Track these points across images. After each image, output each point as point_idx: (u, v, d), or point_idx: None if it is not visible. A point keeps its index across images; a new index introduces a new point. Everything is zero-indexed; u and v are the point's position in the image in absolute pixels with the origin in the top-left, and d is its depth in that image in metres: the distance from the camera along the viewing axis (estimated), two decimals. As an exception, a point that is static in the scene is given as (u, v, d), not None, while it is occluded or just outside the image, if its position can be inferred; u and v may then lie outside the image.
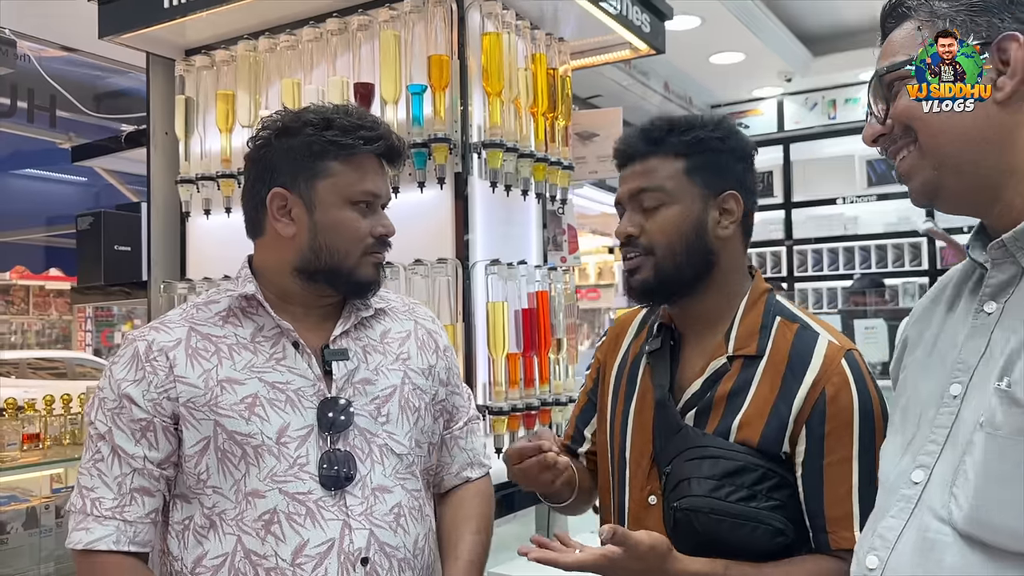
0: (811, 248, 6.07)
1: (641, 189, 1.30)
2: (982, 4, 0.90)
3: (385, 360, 1.41)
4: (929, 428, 0.92)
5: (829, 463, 1.18)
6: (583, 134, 2.96)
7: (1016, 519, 0.80)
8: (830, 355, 1.22)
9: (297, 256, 1.33)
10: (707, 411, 1.25)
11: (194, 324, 1.34)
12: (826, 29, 5.36)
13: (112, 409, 1.28)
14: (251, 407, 1.28)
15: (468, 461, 1.51)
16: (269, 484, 1.26)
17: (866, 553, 0.94)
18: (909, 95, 0.93)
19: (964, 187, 0.94)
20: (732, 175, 1.30)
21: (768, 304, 1.31)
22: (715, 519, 1.18)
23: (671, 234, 1.28)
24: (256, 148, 1.37)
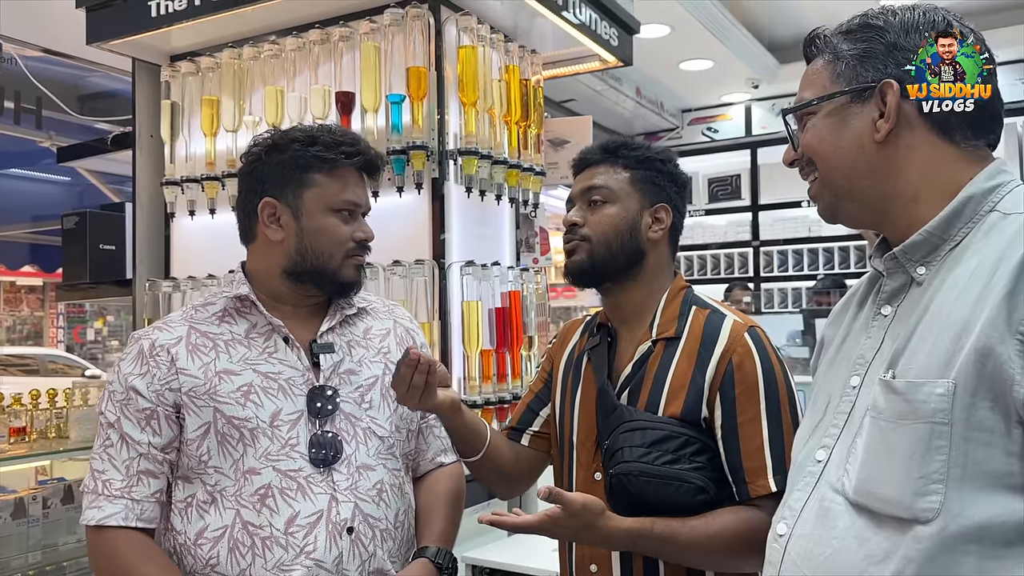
0: (777, 249, 6.24)
1: (591, 187, 1.51)
2: (871, 51, 1.03)
3: (368, 353, 1.54)
4: (832, 414, 1.06)
5: (742, 422, 1.35)
6: (555, 141, 3.09)
7: (892, 489, 0.92)
8: (735, 331, 1.41)
9: (286, 259, 1.47)
10: (638, 389, 1.43)
11: (193, 323, 1.48)
12: (791, 38, 5.52)
13: (120, 400, 1.41)
14: (247, 394, 1.42)
15: (442, 448, 1.63)
16: (264, 462, 1.40)
17: (778, 522, 1.07)
18: (811, 131, 1.07)
19: (857, 210, 1.08)
20: (666, 192, 1.52)
21: (686, 297, 1.51)
22: (644, 480, 1.33)
23: (608, 227, 1.48)
24: (248, 163, 1.51)
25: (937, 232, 1.00)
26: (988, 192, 0.99)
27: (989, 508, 0.88)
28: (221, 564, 1.37)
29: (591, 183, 1.51)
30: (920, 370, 0.94)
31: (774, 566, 1.05)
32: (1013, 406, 0.87)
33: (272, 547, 1.37)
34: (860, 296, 1.14)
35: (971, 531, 0.88)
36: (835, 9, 5.39)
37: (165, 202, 2.83)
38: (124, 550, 1.37)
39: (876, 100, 1.02)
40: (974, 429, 0.89)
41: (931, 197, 1.01)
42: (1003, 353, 0.87)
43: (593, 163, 1.54)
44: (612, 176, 1.50)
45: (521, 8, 2.55)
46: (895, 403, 0.94)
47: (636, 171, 1.51)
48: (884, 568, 0.92)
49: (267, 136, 1.52)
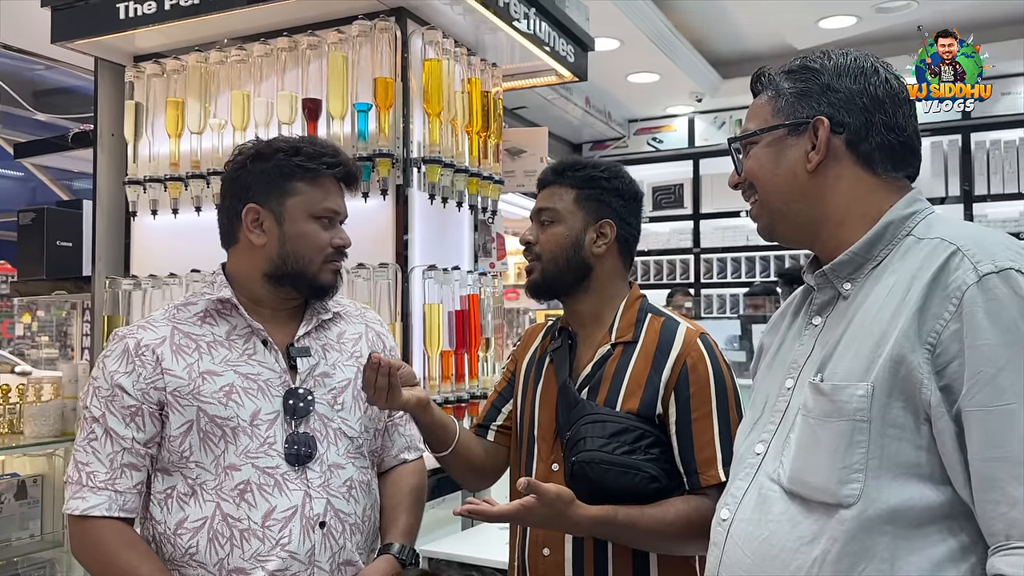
0: (716, 257, 6.47)
1: (542, 209, 1.66)
2: (808, 90, 1.18)
3: (341, 357, 1.63)
4: (769, 412, 1.20)
5: (695, 418, 1.50)
6: (512, 150, 3.21)
7: (820, 478, 1.06)
8: (688, 337, 1.56)
9: (267, 262, 1.55)
10: (597, 387, 1.57)
11: (176, 323, 1.55)
12: (734, 55, 5.74)
13: (106, 397, 1.48)
14: (228, 394, 1.50)
15: (405, 445, 1.73)
16: (243, 459, 1.48)
17: (721, 507, 1.21)
18: (753, 158, 1.21)
19: (791, 231, 1.23)
20: (610, 207, 1.64)
21: (641, 305, 1.66)
22: (603, 468, 1.47)
23: (554, 246, 1.63)
24: (233, 170, 1.58)
25: (861, 253, 1.14)
26: (905, 218, 1.14)
27: (901, 494, 1.01)
28: (200, 553, 1.45)
29: (542, 205, 1.66)
30: (844, 374, 1.07)
31: (718, 547, 1.18)
32: (921, 406, 1.01)
33: (249, 539, 1.45)
34: (795, 307, 1.28)
35: (886, 514, 1.02)
36: (776, 29, 5.65)
37: (127, 200, 2.86)
38: (107, 538, 1.45)
39: (809, 134, 1.16)
40: (889, 426, 1.03)
41: (855, 222, 1.15)
42: (914, 360, 1.01)
43: (546, 184, 1.69)
44: (559, 197, 1.65)
45: (483, 23, 2.66)
46: (822, 403, 1.08)
47: (580, 190, 1.64)
48: (813, 547, 1.05)
49: (251, 145, 1.60)
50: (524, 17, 2.71)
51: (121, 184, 2.86)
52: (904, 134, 1.16)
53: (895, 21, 5.02)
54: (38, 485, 2.92)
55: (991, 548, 0.97)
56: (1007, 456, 0.95)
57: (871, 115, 1.15)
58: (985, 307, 0.98)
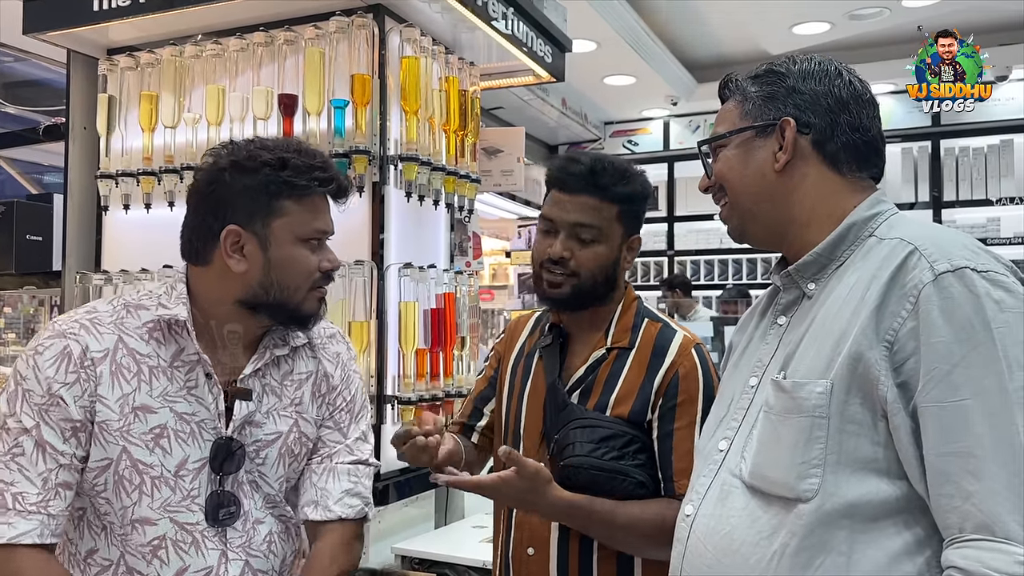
0: (690, 259, 6.52)
1: (582, 224, 1.53)
2: (774, 93, 1.20)
3: (279, 404, 1.44)
4: (734, 410, 1.21)
5: (678, 427, 1.49)
6: (489, 149, 3.21)
7: (780, 472, 1.08)
8: (684, 345, 1.55)
9: (244, 290, 1.36)
10: (589, 391, 1.55)
11: (123, 332, 1.34)
12: (709, 59, 5.80)
13: (41, 405, 1.27)
14: (158, 438, 1.32)
15: (313, 500, 1.47)
16: (161, 513, 1.33)
17: (686, 503, 1.22)
18: (723, 161, 1.23)
19: (760, 231, 1.25)
20: (640, 223, 1.61)
21: (638, 309, 1.63)
22: (593, 473, 1.46)
23: (596, 266, 1.54)
24: (206, 182, 1.36)
25: (825, 253, 1.16)
26: (868, 220, 1.16)
27: (858, 488, 1.03)
28: None
29: (581, 220, 1.52)
30: (805, 372, 1.09)
31: (681, 542, 1.20)
32: (878, 402, 1.03)
33: None
34: (762, 307, 1.30)
35: (844, 508, 1.03)
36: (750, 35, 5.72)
37: (98, 195, 2.82)
38: (29, 570, 1.25)
39: (777, 135, 1.18)
40: (847, 422, 1.05)
41: (821, 222, 1.17)
42: (871, 358, 1.03)
43: (577, 190, 1.53)
44: (603, 213, 1.53)
45: (461, 22, 2.66)
46: (783, 400, 1.10)
47: (623, 206, 1.54)
48: (772, 541, 1.07)
49: (227, 151, 1.38)
50: (502, 17, 2.72)
51: (93, 178, 2.83)
52: (868, 134, 1.18)
53: (868, 28, 5.10)
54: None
55: (946, 541, 0.99)
56: (961, 451, 0.97)
57: (836, 115, 1.17)
58: (940, 305, 1.00)
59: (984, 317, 0.99)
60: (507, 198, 5.48)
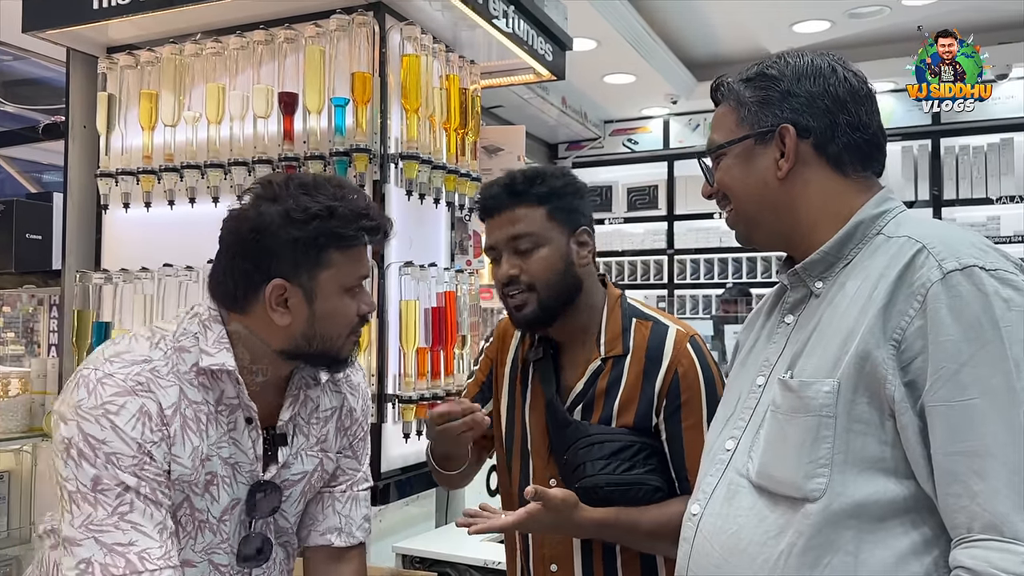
0: (690, 258, 6.50)
1: (516, 236, 1.51)
2: (769, 97, 1.18)
3: (307, 443, 1.45)
4: (741, 409, 1.20)
5: (687, 427, 1.49)
6: (489, 148, 3.21)
7: (787, 472, 1.08)
8: (678, 342, 1.53)
9: (286, 342, 1.33)
10: (591, 405, 1.53)
11: (182, 383, 1.29)
12: (709, 58, 5.78)
13: (134, 464, 1.22)
14: (209, 484, 1.31)
15: (337, 526, 1.50)
16: (202, 555, 1.34)
17: (692, 502, 1.22)
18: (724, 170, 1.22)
19: (768, 237, 1.24)
20: (580, 213, 1.56)
21: (623, 308, 1.59)
22: (610, 489, 1.46)
23: (547, 271, 1.51)
24: (253, 230, 1.30)
25: (832, 252, 1.15)
26: (876, 217, 1.15)
27: (866, 488, 1.03)
28: None
29: (514, 231, 1.50)
30: (812, 371, 1.09)
31: (688, 541, 1.19)
32: (886, 401, 1.02)
33: None
34: (768, 306, 1.30)
35: (851, 508, 1.03)
36: (750, 33, 5.68)
37: (98, 193, 2.82)
38: None
39: (776, 142, 1.17)
40: (854, 421, 1.04)
41: (827, 223, 1.16)
42: (879, 357, 1.02)
43: (500, 209, 1.52)
44: (531, 217, 1.50)
45: (461, 20, 2.65)
46: (790, 399, 1.10)
47: (548, 204, 1.51)
48: (779, 541, 1.07)
49: (270, 195, 1.31)
50: (503, 15, 2.71)
51: (93, 177, 2.83)
52: (869, 131, 1.17)
53: (868, 27, 5.09)
54: (4, 482, 2.87)
55: (954, 541, 0.99)
56: (968, 450, 0.97)
57: (835, 116, 1.15)
58: (948, 304, 0.99)
59: (992, 316, 0.98)
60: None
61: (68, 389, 1.27)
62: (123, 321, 2.72)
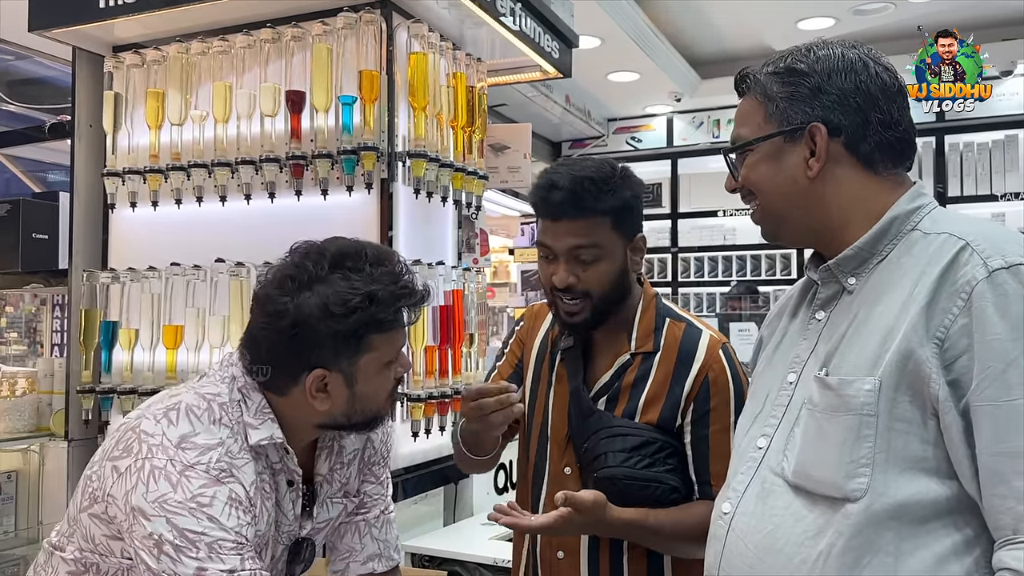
0: (694, 256, 6.50)
1: (579, 247, 1.48)
2: (798, 94, 1.15)
3: (331, 490, 1.45)
4: (771, 406, 1.19)
5: (713, 431, 1.49)
6: (496, 146, 3.20)
7: (825, 472, 1.06)
8: (711, 347, 1.53)
9: (327, 419, 1.34)
10: (616, 398, 1.53)
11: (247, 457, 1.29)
12: (713, 55, 5.78)
13: (234, 549, 1.22)
14: (260, 546, 1.31)
15: (377, 552, 1.52)
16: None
17: (722, 501, 1.20)
18: (751, 167, 1.20)
19: (795, 234, 1.23)
20: (638, 220, 1.56)
21: (658, 307, 1.59)
22: (628, 483, 1.46)
23: (605, 282, 1.50)
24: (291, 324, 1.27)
25: (866, 248, 1.13)
26: (910, 213, 1.13)
27: (908, 488, 1.02)
28: None
29: (578, 243, 1.47)
30: (851, 368, 1.07)
31: (719, 541, 1.17)
32: (929, 400, 1.01)
33: None
34: (795, 302, 1.28)
35: (892, 508, 1.02)
36: (755, 30, 5.67)
37: (105, 193, 2.81)
38: None
39: (806, 140, 1.14)
40: (896, 420, 1.02)
41: (859, 221, 1.14)
42: (922, 355, 1.01)
43: (568, 217, 1.48)
44: (597, 230, 1.48)
45: (468, 17, 2.65)
46: (829, 397, 1.08)
47: (615, 215, 1.49)
48: (818, 541, 1.05)
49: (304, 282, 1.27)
50: (510, 12, 2.70)
51: (99, 176, 2.82)
52: (900, 128, 1.15)
53: (872, 23, 5.08)
54: (12, 481, 2.86)
55: (998, 542, 0.97)
56: (1014, 451, 0.95)
57: (866, 114, 1.13)
58: (995, 302, 0.98)
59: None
60: (510, 195, 5.47)
61: (137, 479, 1.22)
62: (130, 320, 2.72)
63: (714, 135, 6.43)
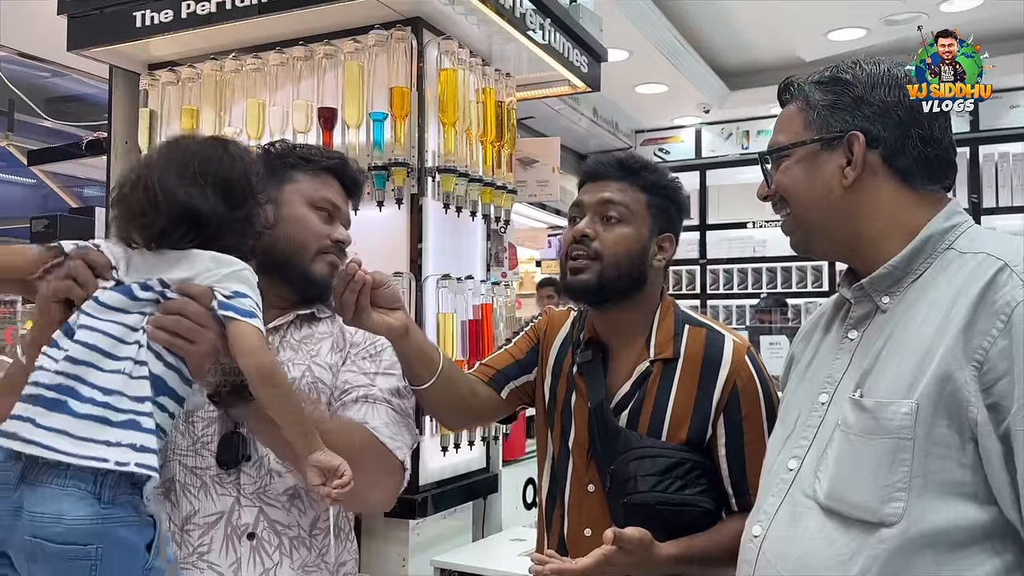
0: (723, 268, 6.46)
1: (610, 201, 1.50)
2: (840, 102, 1.15)
3: (295, 356, 1.47)
4: (802, 427, 1.17)
5: (748, 441, 1.45)
6: (524, 160, 3.21)
7: (860, 495, 1.04)
8: (737, 354, 1.50)
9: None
10: (638, 410, 1.49)
11: None
12: (742, 66, 5.75)
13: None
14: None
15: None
16: (171, 456, 1.37)
17: (752, 524, 1.18)
18: (785, 173, 1.19)
19: (827, 246, 1.21)
20: (672, 222, 1.56)
21: (676, 313, 1.57)
22: (660, 509, 1.42)
23: (620, 248, 1.49)
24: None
25: (900, 266, 1.12)
26: (946, 232, 1.12)
27: (946, 513, 0.99)
28: None
29: (609, 196, 1.50)
30: (886, 391, 1.05)
31: (749, 564, 1.16)
32: (967, 424, 0.99)
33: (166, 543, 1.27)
34: (827, 319, 1.26)
35: (929, 534, 0.99)
36: (784, 41, 5.63)
37: (140, 208, 2.85)
38: None
39: (844, 149, 1.14)
40: (933, 444, 1.00)
41: (893, 236, 1.13)
42: (960, 378, 0.99)
43: (607, 176, 1.53)
44: (631, 195, 1.51)
45: (497, 33, 2.66)
46: (864, 420, 1.06)
47: (652, 195, 1.52)
48: (851, 566, 1.03)
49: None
50: (539, 28, 2.72)
51: (134, 192, 2.86)
52: (940, 146, 1.14)
53: (903, 33, 5.02)
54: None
55: None
56: None
57: (907, 128, 1.12)
58: None
59: None
60: (537, 207, 5.48)
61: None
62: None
63: (743, 146, 6.40)
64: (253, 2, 2.49)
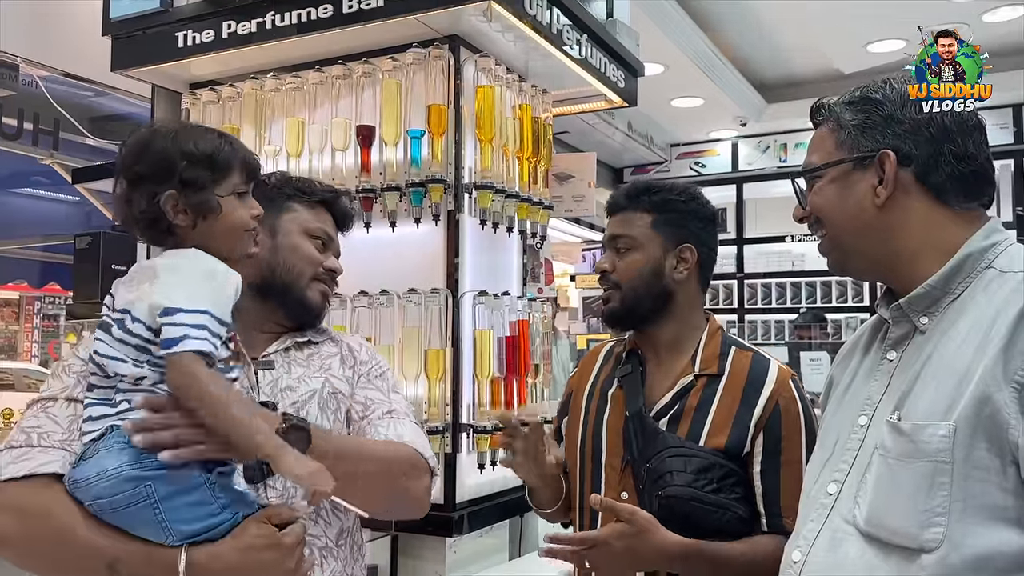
0: (760, 282, 6.39)
1: (614, 235, 1.63)
2: (870, 122, 1.14)
3: (307, 371, 1.52)
4: (841, 451, 1.15)
5: (785, 461, 1.45)
6: (560, 175, 3.20)
7: (899, 520, 1.02)
8: (781, 376, 1.53)
9: (256, 272, 1.46)
10: (678, 418, 1.52)
11: None
12: (779, 79, 5.71)
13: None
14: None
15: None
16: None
17: (792, 549, 1.16)
18: (819, 194, 1.18)
19: (864, 266, 1.19)
20: (690, 231, 1.60)
21: (723, 337, 1.61)
22: (695, 505, 1.42)
23: (633, 273, 1.59)
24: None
25: (938, 286, 1.09)
26: (985, 250, 1.09)
27: (988, 540, 0.96)
28: None
29: (613, 231, 1.63)
30: (924, 413, 1.03)
31: None
32: (1008, 447, 0.96)
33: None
34: (866, 341, 1.24)
35: (971, 561, 0.96)
36: (822, 53, 5.59)
37: (181, 225, 2.89)
38: None
39: (876, 168, 1.12)
40: (973, 467, 0.97)
41: (930, 255, 1.11)
42: (1000, 400, 0.96)
43: (618, 209, 1.65)
44: (636, 223, 1.61)
45: (534, 50, 2.66)
46: (902, 443, 1.04)
47: (658, 215, 1.60)
48: None
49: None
50: (576, 43, 2.71)
51: (176, 209, 2.90)
52: (976, 162, 1.12)
53: (945, 44, 4.95)
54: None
55: None
56: None
57: (939, 145, 1.11)
58: None
59: None
60: (571, 222, 5.47)
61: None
62: (204, 350, 2.77)
63: (781, 159, 6.34)
64: (292, 22, 2.52)
